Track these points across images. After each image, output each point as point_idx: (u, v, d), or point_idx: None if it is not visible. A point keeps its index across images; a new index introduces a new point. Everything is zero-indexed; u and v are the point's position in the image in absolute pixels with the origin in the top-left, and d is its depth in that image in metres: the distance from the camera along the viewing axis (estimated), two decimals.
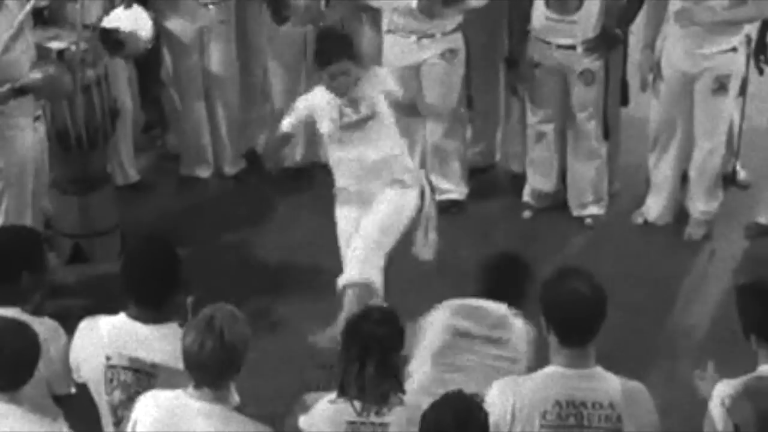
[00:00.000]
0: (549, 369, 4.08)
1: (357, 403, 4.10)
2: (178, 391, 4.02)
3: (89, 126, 6.83)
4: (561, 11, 7.07)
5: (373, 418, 4.07)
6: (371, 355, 4.07)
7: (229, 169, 8.06)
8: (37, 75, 6.01)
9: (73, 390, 4.51)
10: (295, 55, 7.70)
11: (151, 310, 4.32)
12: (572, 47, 7.12)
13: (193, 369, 3.95)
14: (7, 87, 5.96)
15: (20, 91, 6.00)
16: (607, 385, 4.04)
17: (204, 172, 8.02)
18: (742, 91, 7.21)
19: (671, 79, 7.03)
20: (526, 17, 7.18)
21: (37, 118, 6.26)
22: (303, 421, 4.20)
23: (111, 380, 4.35)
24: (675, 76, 7.02)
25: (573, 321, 4.02)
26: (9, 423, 3.99)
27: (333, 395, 4.17)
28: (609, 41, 7.16)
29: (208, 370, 3.93)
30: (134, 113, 7.91)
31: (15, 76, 5.98)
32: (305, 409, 4.22)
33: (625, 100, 7.58)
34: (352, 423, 4.09)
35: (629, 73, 7.49)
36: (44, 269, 4.74)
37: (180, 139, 8.08)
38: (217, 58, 7.71)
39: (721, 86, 6.93)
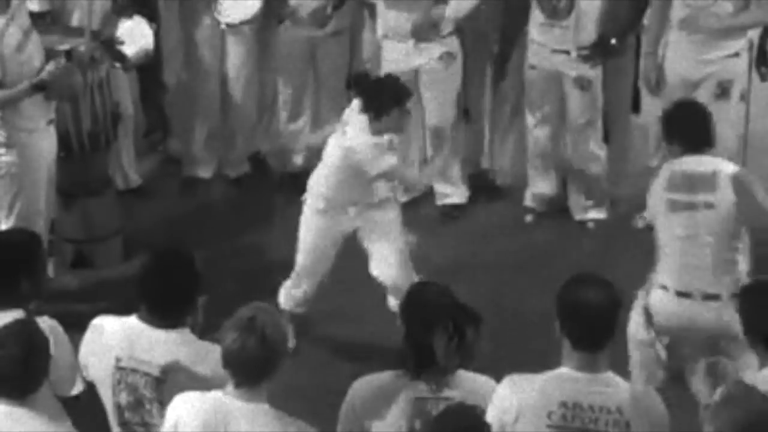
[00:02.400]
0: (559, 371, 4.10)
1: (427, 379, 4.08)
2: (218, 393, 4.01)
3: (91, 130, 6.84)
4: (553, 16, 7.10)
5: (445, 393, 4.07)
6: (448, 325, 4.06)
7: (232, 172, 8.05)
8: (51, 68, 6.00)
9: (77, 391, 4.51)
10: (303, 61, 7.69)
11: (164, 316, 4.32)
12: (566, 52, 7.14)
13: (234, 369, 3.95)
14: (26, 83, 5.96)
15: (37, 87, 5.99)
16: (616, 390, 4.06)
17: (206, 173, 8.00)
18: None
19: (673, 85, 7.03)
20: (523, 20, 7.20)
21: (50, 122, 6.24)
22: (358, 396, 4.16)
23: (119, 382, 4.35)
24: (677, 82, 7.02)
25: (585, 326, 4.04)
26: (24, 427, 3.98)
27: (392, 374, 4.14)
28: (605, 50, 7.16)
29: (250, 369, 3.93)
30: (135, 117, 7.91)
31: (27, 75, 5.98)
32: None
33: (636, 107, 7.58)
34: (421, 399, 4.09)
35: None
36: (43, 274, 4.76)
37: (185, 137, 8.03)
38: (236, 60, 7.69)
39: (723, 91, 6.93)
